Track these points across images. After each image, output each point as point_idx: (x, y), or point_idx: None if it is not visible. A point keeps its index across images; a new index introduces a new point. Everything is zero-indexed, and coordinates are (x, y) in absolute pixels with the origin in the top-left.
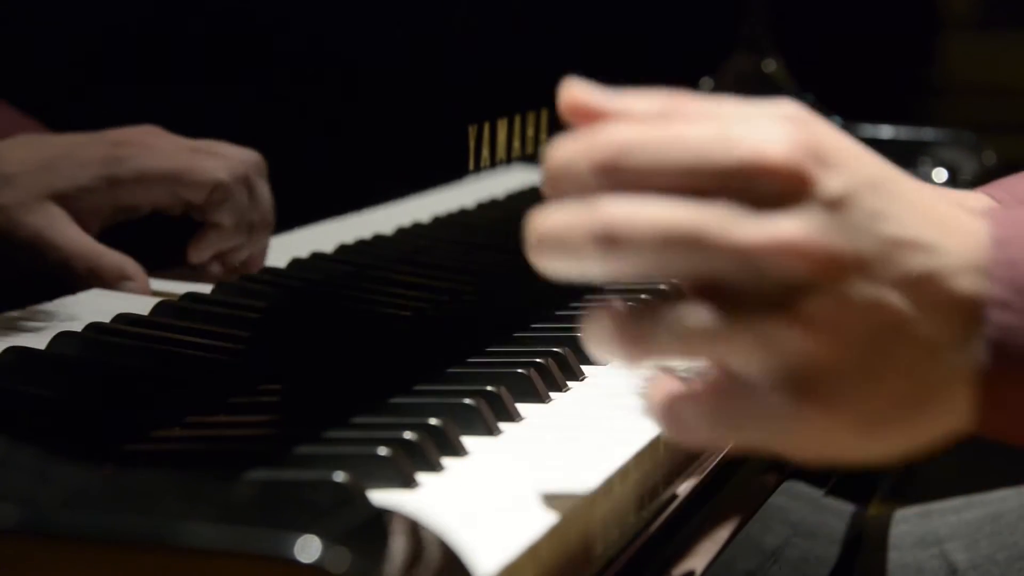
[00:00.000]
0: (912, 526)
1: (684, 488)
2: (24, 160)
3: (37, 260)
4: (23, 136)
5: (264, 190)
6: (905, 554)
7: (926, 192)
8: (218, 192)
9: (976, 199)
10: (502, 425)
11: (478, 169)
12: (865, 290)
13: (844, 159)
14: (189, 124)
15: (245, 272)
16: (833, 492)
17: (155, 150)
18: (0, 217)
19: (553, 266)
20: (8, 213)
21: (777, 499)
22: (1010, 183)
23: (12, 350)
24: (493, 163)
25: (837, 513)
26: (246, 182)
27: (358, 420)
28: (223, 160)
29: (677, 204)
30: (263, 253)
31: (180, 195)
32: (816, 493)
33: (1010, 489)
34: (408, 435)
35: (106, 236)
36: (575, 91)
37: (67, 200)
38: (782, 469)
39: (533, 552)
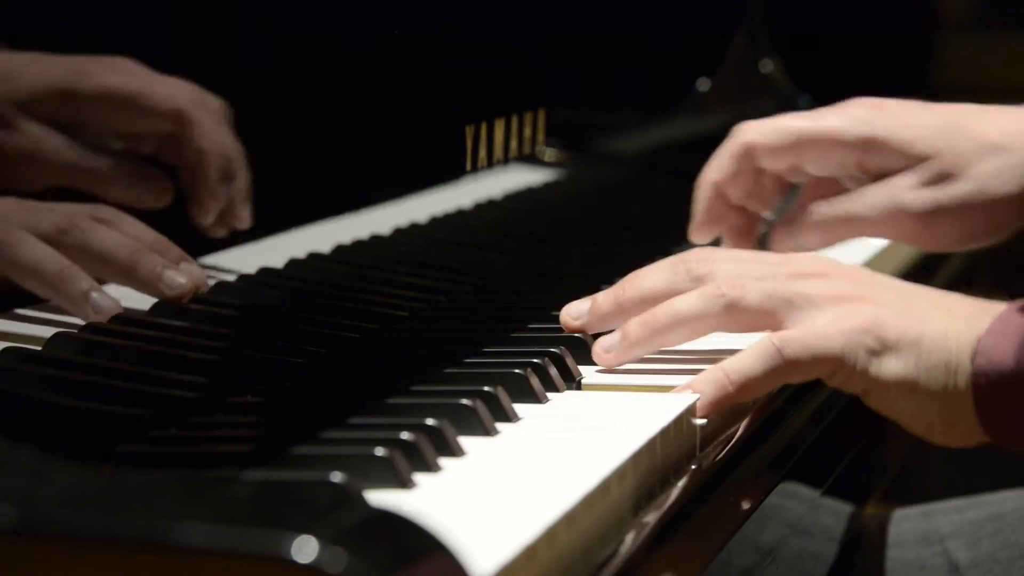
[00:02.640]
0: (915, 524)
1: (681, 488)
2: None
3: None
4: None
5: (227, 136)
6: (907, 551)
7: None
8: (181, 120)
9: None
10: (499, 426)
11: (475, 169)
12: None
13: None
14: None
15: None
16: (830, 493)
17: (118, 71)
18: None
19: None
20: None
21: (774, 499)
22: None
23: (9, 351)
24: (490, 163)
25: (834, 513)
26: (211, 115)
27: (355, 420)
28: (185, 88)
29: None
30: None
31: (144, 123)
32: (813, 494)
33: (1013, 491)
34: (405, 435)
35: None
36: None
37: (27, 110)
38: (779, 469)
39: (530, 552)
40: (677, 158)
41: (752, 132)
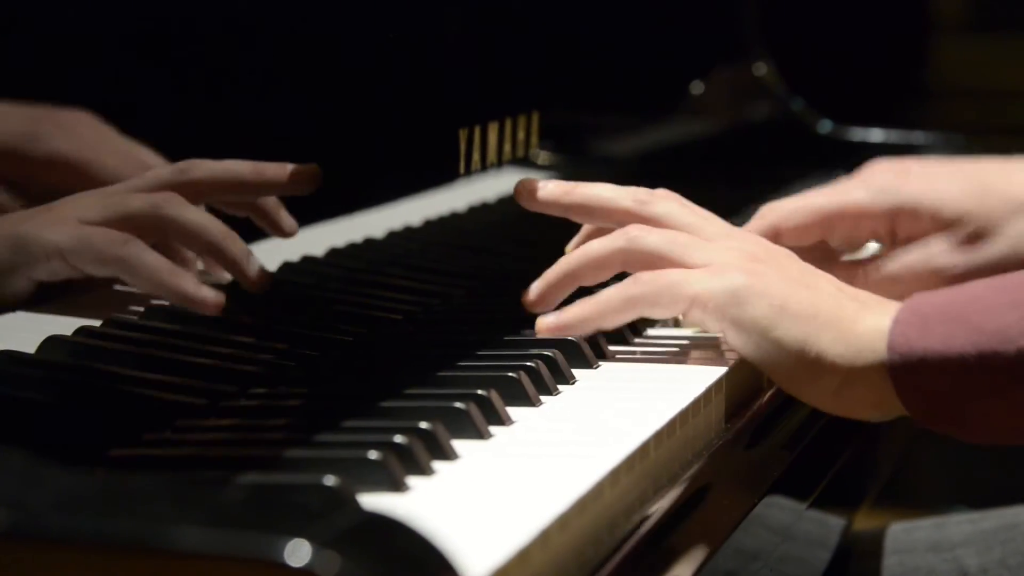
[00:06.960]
0: (927, 534)
1: (672, 494)
2: None
3: None
4: None
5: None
6: (917, 558)
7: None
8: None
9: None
10: (492, 429)
11: (469, 172)
12: None
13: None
14: (182, 126)
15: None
16: (815, 506)
17: (73, 138)
18: None
19: None
20: None
21: (759, 511)
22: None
23: (2, 354)
24: (484, 166)
25: (821, 524)
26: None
27: (348, 424)
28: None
29: None
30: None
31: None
32: (799, 507)
33: None
34: (398, 439)
35: None
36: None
37: None
38: (765, 482)
39: (523, 556)
40: (671, 161)
41: (776, 215)
